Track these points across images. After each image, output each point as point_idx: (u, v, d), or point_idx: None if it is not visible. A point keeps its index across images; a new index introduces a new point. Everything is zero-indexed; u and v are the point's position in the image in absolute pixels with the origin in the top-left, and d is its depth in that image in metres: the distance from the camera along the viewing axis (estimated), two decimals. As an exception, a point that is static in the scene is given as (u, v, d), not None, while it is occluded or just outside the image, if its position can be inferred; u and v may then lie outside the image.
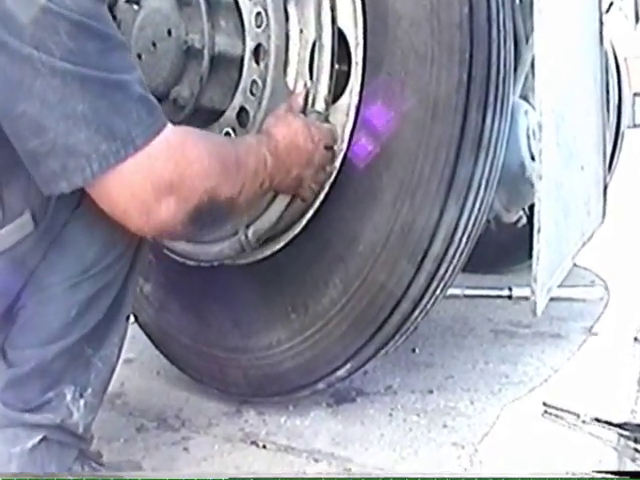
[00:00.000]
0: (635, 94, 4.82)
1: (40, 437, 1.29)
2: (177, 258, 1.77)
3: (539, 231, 1.40)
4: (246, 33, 1.59)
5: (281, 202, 1.54)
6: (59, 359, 1.28)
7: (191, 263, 1.74)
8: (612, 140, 2.61)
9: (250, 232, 1.59)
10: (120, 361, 1.42)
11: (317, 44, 1.48)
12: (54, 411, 1.29)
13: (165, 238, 1.49)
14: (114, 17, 1.67)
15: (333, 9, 1.46)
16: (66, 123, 1.05)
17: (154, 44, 1.60)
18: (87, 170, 1.08)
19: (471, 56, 1.38)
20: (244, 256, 1.65)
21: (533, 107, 1.58)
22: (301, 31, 1.53)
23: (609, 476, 1.39)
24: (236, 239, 1.61)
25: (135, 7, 1.61)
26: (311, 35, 1.52)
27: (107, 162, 1.09)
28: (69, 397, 1.30)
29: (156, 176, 1.13)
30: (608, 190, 2.11)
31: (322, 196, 1.52)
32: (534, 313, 1.45)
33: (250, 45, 1.58)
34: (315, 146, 1.45)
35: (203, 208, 1.19)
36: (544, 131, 1.39)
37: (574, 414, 1.62)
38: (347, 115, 1.48)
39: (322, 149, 1.46)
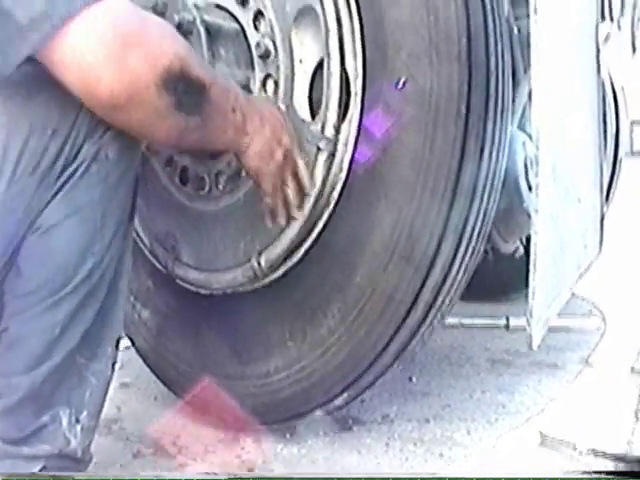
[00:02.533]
0: (633, 122, 4.85)
1: (39, 467, 1.28)
2: (189, 287, 1.77)
3: (535, 265, 1.40)
4: (255, 64, 1.60)
5: (294, 228, 1.55)
6: (49, 380, 1.26)
7: (204, 292, 1.75)
8: (610, 169, 2.62)
9: (263, 259, 1.59)
10: (116, 385, 1.42)
11: (325, 72, 1.50)
12: (51, 440, 1.28)
13: (136, 111, 1.18)
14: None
15: (340, 37, 1.48)
16: None
17: (155, 72, 1.61)
18: (46, 26, 1.07)
19: (469, 88, 1.40)
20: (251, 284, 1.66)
21: (531, 138, 1.59)
22: (300, 61, 1.54)
23: (609, 477, 1.39)
24: (249, 266, 1.62)
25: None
26: (311, 64, 1.54)
27: (66, 15, 1.07)
28: (65, 423, 1.29)
29: (121, 23, 1.12)
30: (605, 220, 2.12)
31: (320, 225, 1.53)
32: (530, 347, 1.45)
33: (259, 75, 1.60)
34: (290, 140, 1.48)
35: (175, 73, 1.16)
36: (540, 165, 1.40)
37: (571, 445, 1.62)
38: (346, 146, 1.49)
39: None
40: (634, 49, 2.50)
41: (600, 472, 1.48)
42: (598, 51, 1.90)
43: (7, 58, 1.09)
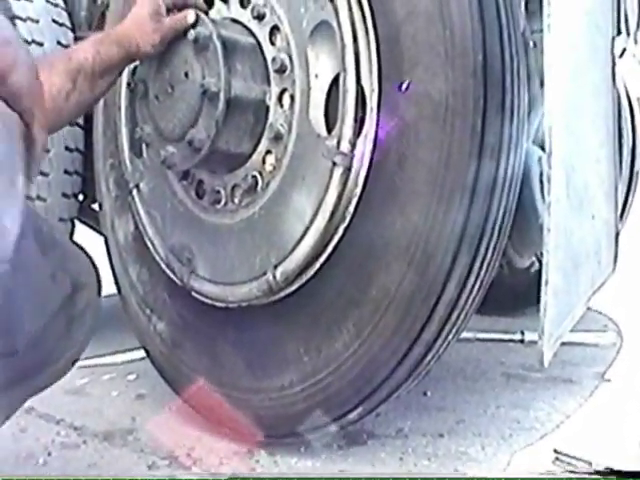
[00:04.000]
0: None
1: None
2: (205, 300, 1.78)
3: (547, 283, 1.40)
4: (270, 78, 1.62)
5: (309, 241, 1.55)
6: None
7: (219, 305, 1.75)
8: (626, 184, 2.62)
9: (278, 272, 1.60)
10: (132, 396, 1.40)
11: (341, 87, 1.50)
12: None
13: None
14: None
15: (356, 52, 1.49)
16: None
17: (171, 86, 1.63)
18: None
19: (485, 103, 1.40)
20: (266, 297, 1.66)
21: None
22: (316, 76, 1.55)
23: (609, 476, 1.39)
24: (264, 280, 1.62)
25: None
26: (327, 79, 1.55)
27: None
28: None
29: None
30: (621, 234, 2.11)
31: (336, 239, 1.53)
32: (541, 364, 1.45)
33: (275, 90, 1.61)
34: None
35: None
36: (553, 182, 1.40)
37: (586, 462, 1.61)
38: (361, 161, 1.49)
39: None
40: (650, 63, 2.50)
41: (601, 472, 1.48)
42: (614, 65, 1.89)
43: None
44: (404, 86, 1.43)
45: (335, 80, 1.53)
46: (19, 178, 1.00)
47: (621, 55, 2.12)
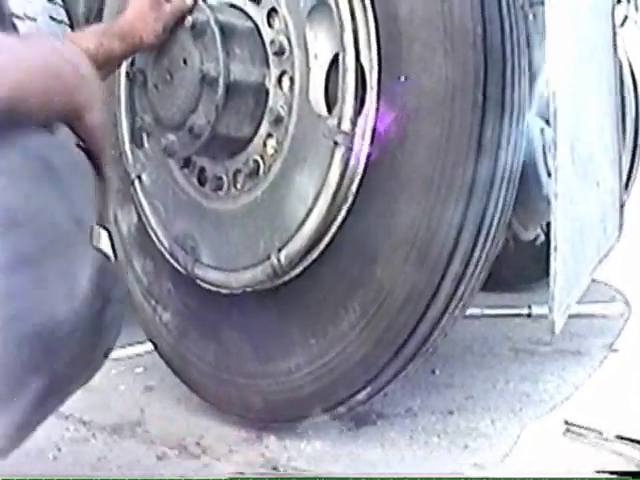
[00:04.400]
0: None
1: None
2: (209, 287, 1.77)
3: (555, 249, 1.39)
4: (269, 61, 1.60)
5: (312, 223, 1.54)
6: None
7: (224, 292, 1.74)
8: (630, 154, 2.60)
9: (282, 255, 1.58)
10: (140, 388, 1.39)
11: (340, 66, 1.48)
12: None
13: None
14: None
15: (355, 30, 1.47)
16: None
17: (170, 74, 1.61)
18: None
19: (485, 76, 1.38)
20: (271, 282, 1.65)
21: (549, 124, 1.58)
22: (315, 56, 1.53)
23: (610, 476, 1.38)
24: (268, 264, 1.61)
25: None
26: (326, 59, 1.53)
27: None
28: None
29: None
30: (626, 205, 2.10)
31: (339, 220, 1.52)
32: (552, 332, 1.44)
33: (275, 73, 1.59)
34: None
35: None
36: (558, 149, 1.39)
37: (596, 432, 1.61)
38: (363, 139, 1.48)
39: None
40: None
41: (602, 472, 1.47)
42: (614, 33, 1.87)
43: None
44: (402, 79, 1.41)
45: (334, 60, 1.51)
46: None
47: (622, 23, 2.10)
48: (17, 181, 0.90)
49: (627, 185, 2.52)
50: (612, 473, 1.41)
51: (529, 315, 2.24)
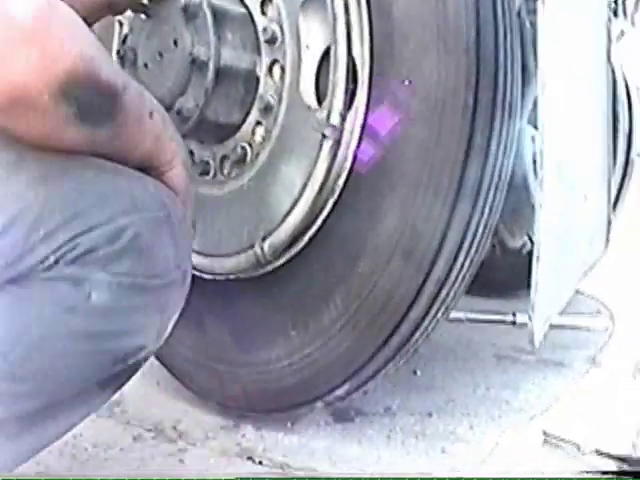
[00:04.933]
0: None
1: None
2: (193, 272, 1.76)
3: (538, 259, 1.39)
4: (261, 49, 1.61)
5: (298, 214, 1.55)
6: None
7: (207, 277, 1.74)
8: (622, 169, 2.60)
9: (266, 245, 1.59)
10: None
11: (332, 59, 1.49)
12: None
13: (25, 115, 0.95)
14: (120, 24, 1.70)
15: (348, 23, 1.47)
16: None
17: (160, 54, 1.61)
18: None
19: (477, 81, 1.39)
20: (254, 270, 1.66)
21: (540, 133, 1.59)
22: (307, 47, 1.55)
23: (611, 476, 1.39)
24: (252, 252, 1.62)
25: (143, 17, 1.62)
26: (318, 50, 1.54)
27: None
28: None
29: (11, 15, 0.90)
30: (615, 218, 2.11)
31: (325, 213, 1.53)
32: (532, 343, 1.45)
33: (266, 61, 1.61)
34: None
35: (78, 79, 0.94)
36: (545, 159, 1.40)
37: (574, 444, 1.61)
38: (351, 134, 1.48)
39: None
40: (649, 48, 2.49)
41: (606, 472, 1.48)
42: (609, 48, 1.88)
43: None
44: (406, 82, 1.42)
45: (327, 52, 1.52)
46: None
47: (619, 38, 2.11)
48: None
49: (617, 200, 2.53)
50: (615, 473, 1.42)
51: (514, 323, 2.23)
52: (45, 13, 0.93)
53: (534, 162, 1.77)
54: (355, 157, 1.48)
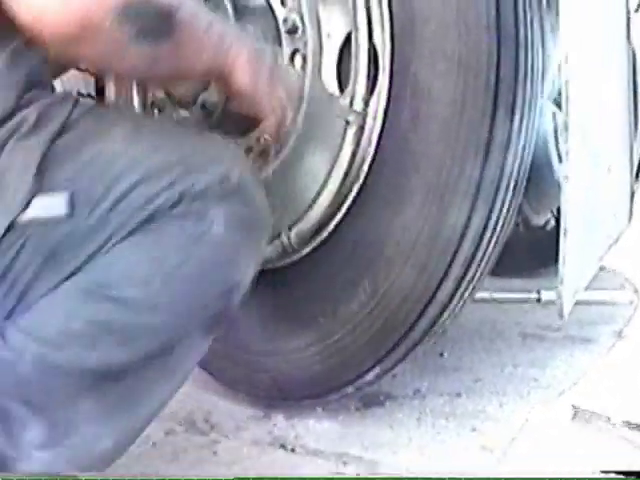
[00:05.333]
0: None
1: None
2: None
3: (565, 233, 1.38)
4: (282, 39, 1.60)
5: (324, 201, 1.55)
6: None
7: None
8: (641, 143, 2.58)
9: (293, 234, 1.60)
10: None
11: (353, 45, 1.49)
12: None
13: (94, 44, 1.10)
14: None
15: (368, 9, 1.47)
16: None
17: (183, 49, 1.61)
18: None
19: (499, 58, 1.38)
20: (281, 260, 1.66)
21: (560, 109, 1.58)
22: (328, 35, 1.54)
23: (614, 476, 1.39)
24: (279, 242, 1.62)
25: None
26: (339, 38, 1.53)
27: None
28: None
29: None
30: (637, 193, 2.09)
31: (350, 199, 1.52)
32: (561, 316, 1.44)
33: (287, 51, 1.59)
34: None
35: (134, 1, 1.09)
36: (570, 131, 1.39)
37: (604, 417, 1.61)
38: (375, 119, 1.48)
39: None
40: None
41: (606, 471, 1.47)
42: (629, 20, 1.87)
43: None
44: None
45: (347, 39, 1.51)
46: None
47: (637, 9, 2.09)
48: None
49: (638, 173, 2.51)
50: (618, 472, 1.41)
51: (538, 300, 2.23)
52: None
53: (555, 138, 1.76)
54: (380, 140, 1.48)
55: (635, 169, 2.07)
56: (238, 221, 1.20)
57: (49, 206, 1.09)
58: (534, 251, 2.46)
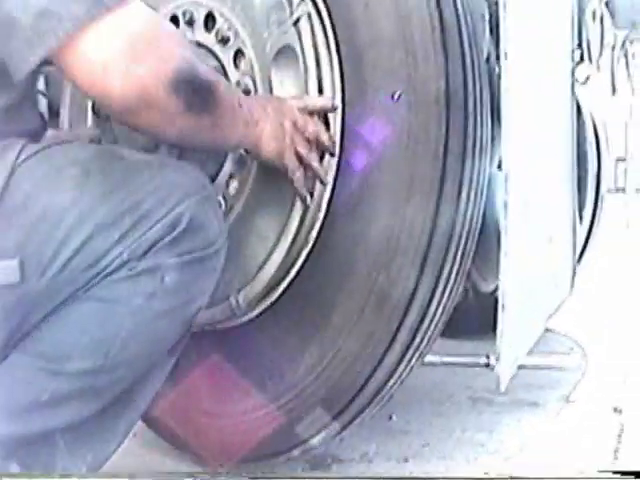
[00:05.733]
0: (618, 159, 4.88)
1: None
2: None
3: (503, 308, 1.41)
4: None
5: (271, 266, 1.54)
6: None
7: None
8: (592, 206, 2.62)
9: (241, 297, 1.58)
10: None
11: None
12: None
13: (147, 113, 1.21)
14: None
15: (319, 77, 1.49)
16: None
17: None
18: (59, 31, 1.10)
19: (447, 130, 1.41)
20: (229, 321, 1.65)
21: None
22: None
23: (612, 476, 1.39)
24: (227, 304, 1.60)
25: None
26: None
27: (79, 21, 1.10)
28: None
29: (133, 32, 1.15)
30: (585, 257, 2.12)
31: (299, 264, 1.53)
32: (498, 387, 1.46)
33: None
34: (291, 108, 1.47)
35: (184, 75, 1.20)
36: (509, 208, 1.42)
37: (548, 485, 1.61)
38: (325, 186, 1.49)
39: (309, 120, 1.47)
40: (614, 89, 2.52)
41: (605, 471, 1.47)
42: (573, 92, 1.91)
43: (20, 64, 1.14)
44: (395, 96, 1.43)
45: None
46: None
47: (585, 82, 2.14)
48: None
49: (587, 240, 2.55)
50: (617, 472, 1.42)
51: (487, 365, 2.24)
52: (155, 28, 1.20)
53: (505, 207, 1.79)
54: (329, 206, 1.49)
55: (585, 235, 2.11)
56: (190, 261, 1.23)
57: (2, 272, 1.13)
58: (483, 316, 2.48)
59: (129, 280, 1.18)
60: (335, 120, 1.49)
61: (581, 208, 2.35)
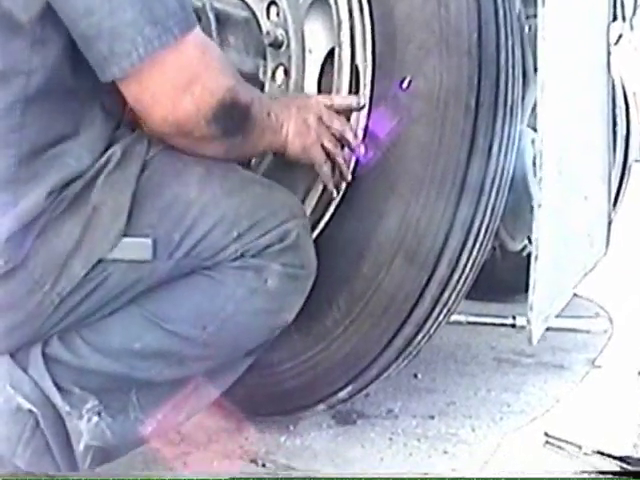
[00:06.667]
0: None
1: None
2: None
3: (536, 259, 1.39)
4: (266, 52, 1.62)
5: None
6: None
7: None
8: (619, 173, 2.61)
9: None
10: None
11: (336, 62, 1.51)
12: None
13: (184, 138, 1.29)
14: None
15: (352, 28, 1.49)
16: (110, 4, 1.13)
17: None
18: (134, 54, 1.15)
19: (479, 82, 1.40)
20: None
21: (539, 136, 1.59)
22: (310, 51, 1.55)
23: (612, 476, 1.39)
24: None
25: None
26: (321, 54, 1.56)
27: (152, 46, 1.15)
28: None
29: (189, 64, 1.21)
30: (613, 222, 2.11)
31: (327, 216, 1.53)
32: (530, 342, 1.45)
33: (270, 65, 1.61)
34: (315, 103, 1.48)
35: (225, 106, 1.25)
36: (545, 159, 1.40)
37: (576, 445, 1.61)
38: (355, 136, 1.48)
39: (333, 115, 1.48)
40: (647, 49, 2.49)
41: (605, 472, 1.48)
42: (609, 51, 1.89)
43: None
44: (405, 83, 1.43)
45: (329, 55, 1.53)
46: None
47: (617, 42, 2.11)
48: None
49: (616, 201, 2.53)
50: (616, 473, 1.42)
51: (513, 326, 2.24)
52: (208, 59, 1.24)
53: (534, 165, 1.78)
54: (357, 159, 1.49)
55: (613, 198, 2.09)
56: (291, 274, 1.35)
57: (135, 249, 1.25)
58: (510, 276, 2.48)
59: (238, 270, 1.31)
60: (365, 72, 1.48)
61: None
